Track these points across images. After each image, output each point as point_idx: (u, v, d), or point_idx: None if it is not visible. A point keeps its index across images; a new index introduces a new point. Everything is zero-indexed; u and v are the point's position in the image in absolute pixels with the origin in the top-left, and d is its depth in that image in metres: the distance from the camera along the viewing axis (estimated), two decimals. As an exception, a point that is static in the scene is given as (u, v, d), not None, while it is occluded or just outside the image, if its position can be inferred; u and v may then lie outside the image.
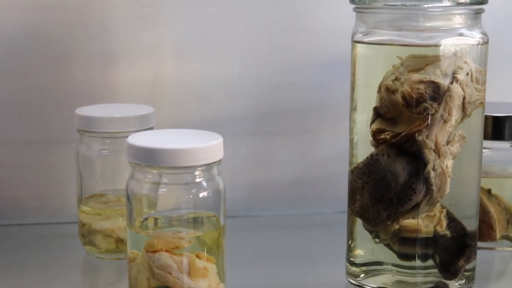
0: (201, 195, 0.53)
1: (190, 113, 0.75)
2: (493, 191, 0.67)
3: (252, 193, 0.78)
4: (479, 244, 0.66)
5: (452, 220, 0.57)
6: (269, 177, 0.78)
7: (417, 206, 0.54)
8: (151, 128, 0.64)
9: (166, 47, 0.74)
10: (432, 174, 0.53)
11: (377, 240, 0.57)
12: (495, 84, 0.75)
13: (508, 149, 0.66)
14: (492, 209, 0.66)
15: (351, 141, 0.57)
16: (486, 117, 0.64)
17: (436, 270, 0.57)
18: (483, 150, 0.65)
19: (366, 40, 0.55)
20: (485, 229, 0.66)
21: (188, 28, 0.74)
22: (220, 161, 0.54)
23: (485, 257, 0.66)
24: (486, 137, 0.65)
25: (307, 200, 0.78)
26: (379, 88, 0.55)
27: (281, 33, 0.75)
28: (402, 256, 0.57)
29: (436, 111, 0.53)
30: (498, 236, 0.66)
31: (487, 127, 0.65)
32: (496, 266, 0.66)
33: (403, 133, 0.53)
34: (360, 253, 0.58)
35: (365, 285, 0.58)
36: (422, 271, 0.56)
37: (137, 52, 0.74)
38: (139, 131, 0.60)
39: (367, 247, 0.58)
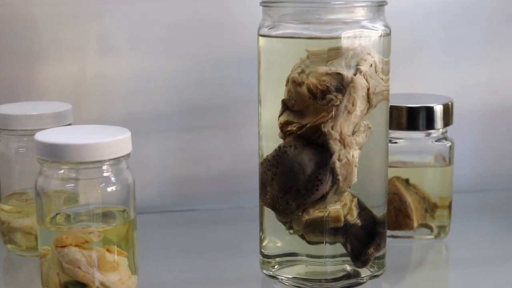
0: (109, 189, 0.53)
1: (116, 109, 0.75)
2: (411, 181, 0.68)
3: (180, 188, 0.78)
4: (397, 233, 0.68)
5: (362, 209, 0.58)
6: (197, 172, 0.78)
7: (324, 196, 0.55)
8: (69, 125, 0.64)
9: (91, 44, 0.74)
10: (338, 164, 0.54)
11: (291, 231, 0.58)
12: (400, 76, 0.77)
13: (423, 139, 0.67)
14: (409, 198, 0.67)
15: (259, 134, 0.58)
16: (400, 108, 0.66)
17: (348, 259, 0.58)
18: (399, 141, 0.67)
19: (270, 33, 0.55)
20: (402, 218, 0.67)
21: (112, 24, 0.74)
22: (128, 155, 0.54)
23: (403, 245, 0.68)
24: (401, 127, 0.66)
25: (236, 194, 0.78)
26: (287, 81, 0.55)
27: (206, 28, 0.75)
28: (313, 245, 0.57)
29: (340, 102, 0.53)
30: (415, 224, 0.67)
31: (402, 117, 0.66)
32: (414, 254, 0.67)
33: (308, 125, 0.54)
34: (271, 245, 0.59)
35: (278, 275, 0.59)
36: (331, 260, 0.57)
37: (61, 49, 0.74)
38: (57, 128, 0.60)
39: (279, 239, 0.59)
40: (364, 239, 0.58)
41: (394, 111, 0.66)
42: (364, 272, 0.58)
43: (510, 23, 0.81)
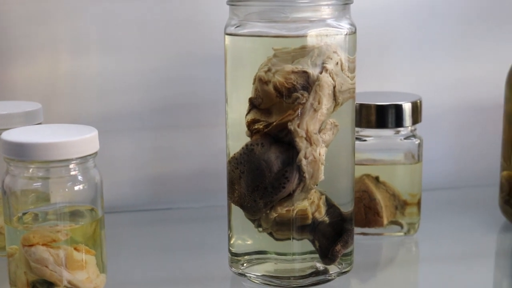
0: (76, 188, 0.54)
1: (88, 108, 0.75)
2: (381, 178, 0.69)
3: (154, 187, 0.78)
4: (367, 230, 0.68)
5: (330, 207, 0.58)
6: (170, 170, 0.79)
7: (292, 193, 0.55)
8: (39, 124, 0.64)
9: (63, 43, 0.74)
10: (304, 162, 0.54)
11: (260, 229, 0.58)
12: (372, 74, 0.78)
13: (392, 137, 0.68)
14: (379, 196, 0.68)
15: (226, 132, 0.58)
16: (370, 106, 0.67)
17: (316, 256, 0.58)
18: (368, 139, 0.67)
19: (237, 32, 0.56)
20: (372, 216, 0.68)
21: (84, 23, 0.74)
22: (95, 154, 0.54)
23: (373, 242, 0.68)
24: (370, 125, 0.67)
25: (209, 192, 0.79)
26: (254, 80, 0.56)
27: (177, 27, 0.75)
28: (282, 243, 0.58)
29: (306, 100, 0.54)
30: (385, 222, 0.68)
31: (371, 115, 0.67)
32: (383, 251, 0.68)
33: (274, 123, 0.54)
34: (239, 243, 0.59)
35: (247, 273, 0.59)
36: (299, 257, 0.58)
37: (33, 48, 0.74)
38: (26, 127, 0.60)
39: (248, 237, 0.59)
40: (331, 236, 0.58)
41: (363, 109, 0.67)
42: (333, 269, 0.59)
43: (480, 21, 0.82)
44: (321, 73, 0.54)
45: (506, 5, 0.82)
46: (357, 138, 0.67)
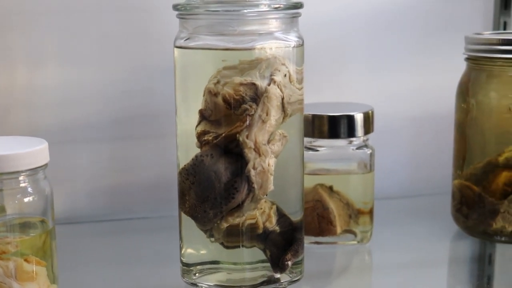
0: (26, 200, 0.54)
1: (46, 120, 0.76)
2: (335, 188, 0.70)
3: (111, 198, 0.79)
4: (321, 239, 0.69)
5: (281, 216, 0.59)
6: (128, 181, 0.79)
7: (241, 204, 0.56)
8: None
9: (19, 55, 0.75)
10: (253, 172, 0.55)
11: (212, 239, 0.59)
12: (329, 85, 0.79)
13: (345, 147, 0.69)
14: (332, 205, 0.69)
15: (176, 144, 0.59)
16: (322, 117, 0.68)
17: (267, 265, 0.59)
18: (320, 149, 0.68)
19: (185, 45, 0.56)
20: (325, 225, 0.68)
21: (41, 35, 0.74)
22: (45, 165, 0.55)
23: (327, 251, 0.69)
24: (323, 136, 0.68)
25: (166, 203, 0.79)
26: (204, 92, 0.56)
27: (133, 40, 0.76)
28: (233, 252, 0.58)
29: (255, 112, 0.55)
30: (339, 231, 0.69)
31: (323, 126, 0.68)
32: (337, 260, 0.69)
33: (223, 134, 0.55)
34: (191, 253, 0.60)
35: (199, 283, 0.59)
36: (250, 266, 0.58)
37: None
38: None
39: (200, 247, 0.60)
40: (282, 246, 0.59)
41: (316, 119, 0.68)
42: (284, 277, 0.59)
43: (434, 32, 0.83)
44: (269, 85, 0.55)
45: (456, 17, 0.84)
46: (310, 149, 0.69)
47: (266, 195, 0.57)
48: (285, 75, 0.56)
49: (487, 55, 0.69)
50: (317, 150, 0.69)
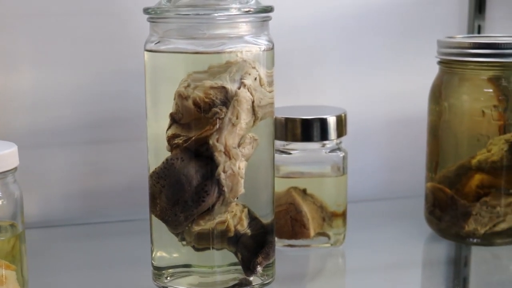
0: (-5, 203, 0.54)
1: (18, 123, 0.75)
2: (309, 191, 0.70)
3: (86, 201, 0.79)
4: (294, 242, 0.69)
5: (252, 219, 0.59)
6: (102, 184, 0.79)
7: (212, 207, 0.56)
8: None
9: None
10: (223, 175, 0.55)
11: (183, 242, 0.59)
12: (303, 89, 0.79)
13: (318, 150, 0.69)
14: (305, 208, 0.69)
15: (147, 147, 0.59)
16: (295, 120, 0.68)
17: (239, 267, 0.59)
18: (293, 152, 0.68)
19: (155, 48, 0.56)
20: (299, 228, 0.69)
21: (14, 38, 0.74)
22: (15, 169, 0.54)
23: (300, 254, 0.69)
24: (296, 139, 0.68)
25: (141, 206, 0.78)
26: (175, 95, 0.56)
27: (107, 43, 0.76)
28: (205, 255, 0.58)
29: (225, 115, 0.55)
30: (312, 233, 0.69)
31: (296, 129, 0.68)
32: (310, 262, 0.69)
33: (193, 137, 0.55)
34: (161, 256, 0.60)
35: (170, 286, 0.59)
36: (222, 269, 0.58)
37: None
38: None
39: (172, 250, 0.60)
40: (253, 249, 0.59)
41: (289, 123, 0.68)
42: (255, 280, 0.60)
43: (409, 36, 0.84)
44: (239, 88, 0.55)
45: (431, 21, 0.84)
46: (283, 152, 0.69)
47: (237, 198, 0.57)
48: (255, 79, 0.56)
49: (459, 59, 0.69)
50: (290, 153, 0.69)
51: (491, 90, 0.68)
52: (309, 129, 0.68)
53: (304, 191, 0.70)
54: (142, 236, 0.72)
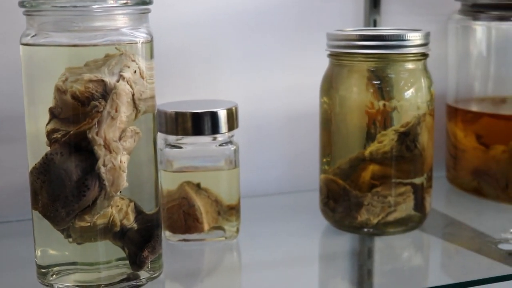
0: None
1: None
2: (203, 185, 0.70)
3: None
4: (188, 236, 0.69)
5: (139, 213, 0.59)
6: (-1, 184, 0.78)
7: (94, 201, 0.56)
8: None
9: None
10: (103, 169, 0.55)
11: (70, 239, 0.58)
12: (202, 85, 0.79)
13: (209, 143, 0.69)
14: (199, 202, 0.69)
15: (27, 144, 0.58)
16: (185, 114, 0.68)
17: (127, 262, 0.59)
18: (185, 146, 0.68)
19: (31, 42, 0.56)
20: (192, 222, 0.69)
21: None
22: None
23: (195, 248, 0.69)
24: (187, 133, 0.68)
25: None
26: (54, 90, 0.56)
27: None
28: (91, 251, 0.58)
29: (104, 109, 0.54)
30: (206, 228, 0.69)
31: (187, 123, 0.68)
32: (205, 257, 0.69)
33: (71, 132, 0.55)
34: (45, 254, 0.59)
35: (55, 284, 0.59)
36: (108, 265, 0.58)
37: None
38: None
39: (57, 248, 0.59)
40: (140, 243, 0.59)
41: (179, 117, 0.68)
42: (143, 274, 0.59)
43: (305, 31, 0.85)
44: (118, 81, 0.55)
45: (327, 17, 0.85)
46: (174, 146, 0.69)
47: (120, 192, 0.56)
48: (135, 71, 0.56)
49: (347, 51, 0.70)
50: (182, 148, 0.69)
51: (378, 82, 0.70)
52: (199, 123, 0.68)
53: (198, 185, 0.70)
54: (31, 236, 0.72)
